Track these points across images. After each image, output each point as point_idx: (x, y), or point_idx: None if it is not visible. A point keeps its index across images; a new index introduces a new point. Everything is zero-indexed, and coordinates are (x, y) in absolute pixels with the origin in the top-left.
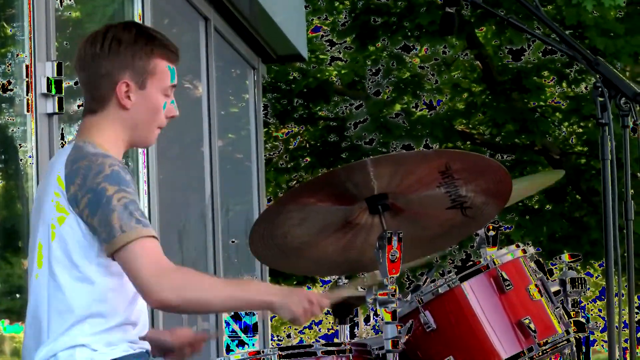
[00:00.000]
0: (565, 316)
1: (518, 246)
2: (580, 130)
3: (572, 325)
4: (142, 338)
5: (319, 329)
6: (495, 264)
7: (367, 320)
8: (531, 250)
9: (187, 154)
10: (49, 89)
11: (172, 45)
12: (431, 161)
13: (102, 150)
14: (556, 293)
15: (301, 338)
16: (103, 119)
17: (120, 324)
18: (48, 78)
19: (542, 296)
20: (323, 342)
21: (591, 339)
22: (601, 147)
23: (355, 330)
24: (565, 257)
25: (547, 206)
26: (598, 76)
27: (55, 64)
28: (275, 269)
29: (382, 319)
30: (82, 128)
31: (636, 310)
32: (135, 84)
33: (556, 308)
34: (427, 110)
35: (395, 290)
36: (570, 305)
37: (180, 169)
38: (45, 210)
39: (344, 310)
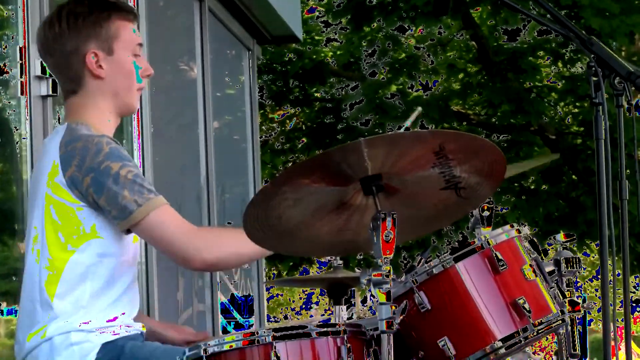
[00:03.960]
0: (560, 296)
1: (512, 226)
2: (576, 110)
3: (567, 305)
4: (144, 327)
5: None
6: (489, 244)
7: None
8: (526, 230)
9: (182, 136)
10: (43, 72)
11: (127, 5)
12: (425, 142)
13: (95, 132)
14: (551, 273)
15: (298, 319)
16: (85, 97)
17: (114, 305)
18: (42, 60)
19: (536, 276)
20: (317, 322)
21: (588, 318)
22: (595, 127)
23: (352, 311)
24: (560, 236)
25: (543, 186)
26: (592, 56)
27: None
28: (270, 250)
29: (377, 300)
30: (69, 110)
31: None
32: (103, 51)
33: (551, 288)
34: (423, 91)
35: (389, 271)
36: (565, 285)
37: (175, 151)
38: (40, 192)
39: (339, 291)
